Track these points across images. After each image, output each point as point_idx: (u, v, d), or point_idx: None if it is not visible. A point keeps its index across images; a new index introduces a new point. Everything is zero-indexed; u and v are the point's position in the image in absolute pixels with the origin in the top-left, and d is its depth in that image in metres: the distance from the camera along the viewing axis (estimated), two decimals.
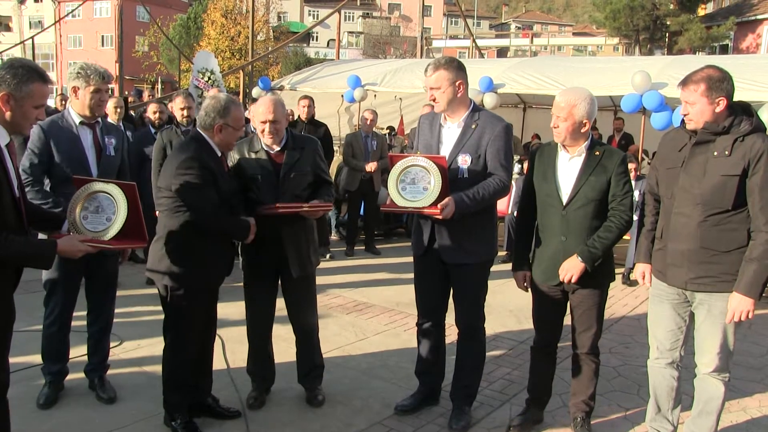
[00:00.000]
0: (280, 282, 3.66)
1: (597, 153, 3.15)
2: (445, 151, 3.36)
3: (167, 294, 3.24)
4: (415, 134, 3.68)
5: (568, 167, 3.19)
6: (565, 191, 3.16)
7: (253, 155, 3.50)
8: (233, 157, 3.54)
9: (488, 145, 3.28)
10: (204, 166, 3.14)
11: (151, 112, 6.33)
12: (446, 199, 3.16)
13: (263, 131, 3.42)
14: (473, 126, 3.32)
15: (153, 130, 5.97)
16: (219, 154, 3.27)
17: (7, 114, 2.43)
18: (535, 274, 3.34)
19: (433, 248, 3.41)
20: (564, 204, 3.15)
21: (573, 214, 3.14)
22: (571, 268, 3.10)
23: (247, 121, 8.50)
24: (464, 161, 3.30)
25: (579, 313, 3.28)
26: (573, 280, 3.11)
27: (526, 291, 3.42)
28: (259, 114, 3.42)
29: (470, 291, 3.45)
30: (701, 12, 29.01)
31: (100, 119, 3.62)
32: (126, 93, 12.41)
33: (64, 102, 7.28)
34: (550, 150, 3.28)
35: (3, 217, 2.39)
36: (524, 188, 3.40)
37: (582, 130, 3.12)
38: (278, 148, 3.49)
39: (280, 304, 3.68)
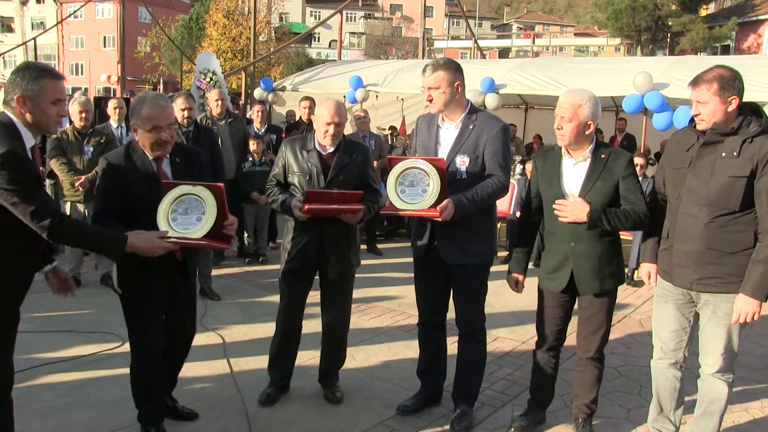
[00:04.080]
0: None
1: (603, 156, 3.09)
2: (443, 152, 3.35)
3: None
4: (413, 135, 3.68)
5: (574, 173, 3.14)
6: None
7: (305, 153, 3.54)
8: (284, 154, 3.58)
9: (486, 145, 3.28)
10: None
11: (213, 100, 6.86)
12: (445, 201, 3.15)
13: (326, 132, 3.46)
14: (471, 127, 3.31)
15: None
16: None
17: (27, 116, 2.49)
18: (543, 281, 3.32)
19: (433, 249, 3.41)
20: None
21: None
22: (578, 211, 2.98)
23: (249, 122, 8.52)
24: (462, 162, 3.30)
25: (586, 317, 3.24)
26: (577, 220, 2.99)
27: (520, 293, 3.42)
28: (323, 116, 3.46)
29: (470, 291, 3.45)
30: (703, 12, 28.99)
31: None
32: (129, 92, 12.42)
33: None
34: (554, 155, 3.22)
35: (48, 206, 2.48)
36: (527, 192, 3.37)
37: (586, 132, 3.06)
38: (331, 150, 3.53)
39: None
